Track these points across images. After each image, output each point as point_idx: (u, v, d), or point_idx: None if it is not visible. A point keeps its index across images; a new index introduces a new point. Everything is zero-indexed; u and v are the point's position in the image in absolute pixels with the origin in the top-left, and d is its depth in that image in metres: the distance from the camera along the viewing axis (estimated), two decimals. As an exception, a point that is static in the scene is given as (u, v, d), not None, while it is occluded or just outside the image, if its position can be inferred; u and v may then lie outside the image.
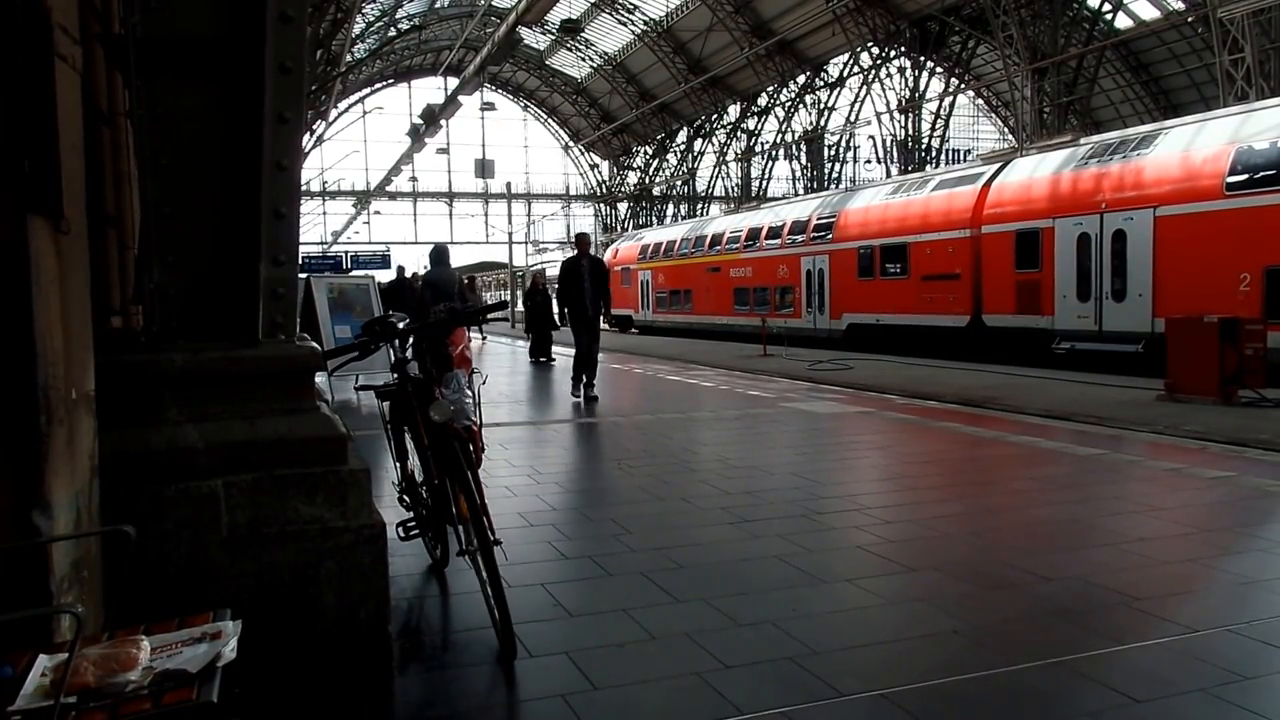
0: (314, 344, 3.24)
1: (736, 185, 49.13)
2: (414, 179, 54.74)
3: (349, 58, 33.10)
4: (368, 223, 58.20)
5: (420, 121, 36.67)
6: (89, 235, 2.38)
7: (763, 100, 46.12)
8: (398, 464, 4.50)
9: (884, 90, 37.74)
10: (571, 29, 42.49)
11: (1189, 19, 29.35)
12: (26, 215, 1.91)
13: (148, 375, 2.73)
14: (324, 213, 56.83)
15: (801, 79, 43.12)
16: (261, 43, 2.71)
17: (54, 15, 2.02)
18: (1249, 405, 10.40)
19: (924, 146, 36.01)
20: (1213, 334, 10.80)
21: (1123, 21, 32.15)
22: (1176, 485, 6.24)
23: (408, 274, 22.66)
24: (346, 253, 37.35)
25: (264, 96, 2.75)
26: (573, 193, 63.41)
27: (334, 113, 43.56)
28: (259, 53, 2.72)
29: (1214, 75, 25.46)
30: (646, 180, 56.86)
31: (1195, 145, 15.32)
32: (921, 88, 36.26)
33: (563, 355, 17.48)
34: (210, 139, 2.84)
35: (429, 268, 14.81)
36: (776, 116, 45.94)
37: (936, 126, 36.39)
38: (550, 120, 63.07)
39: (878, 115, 38.38)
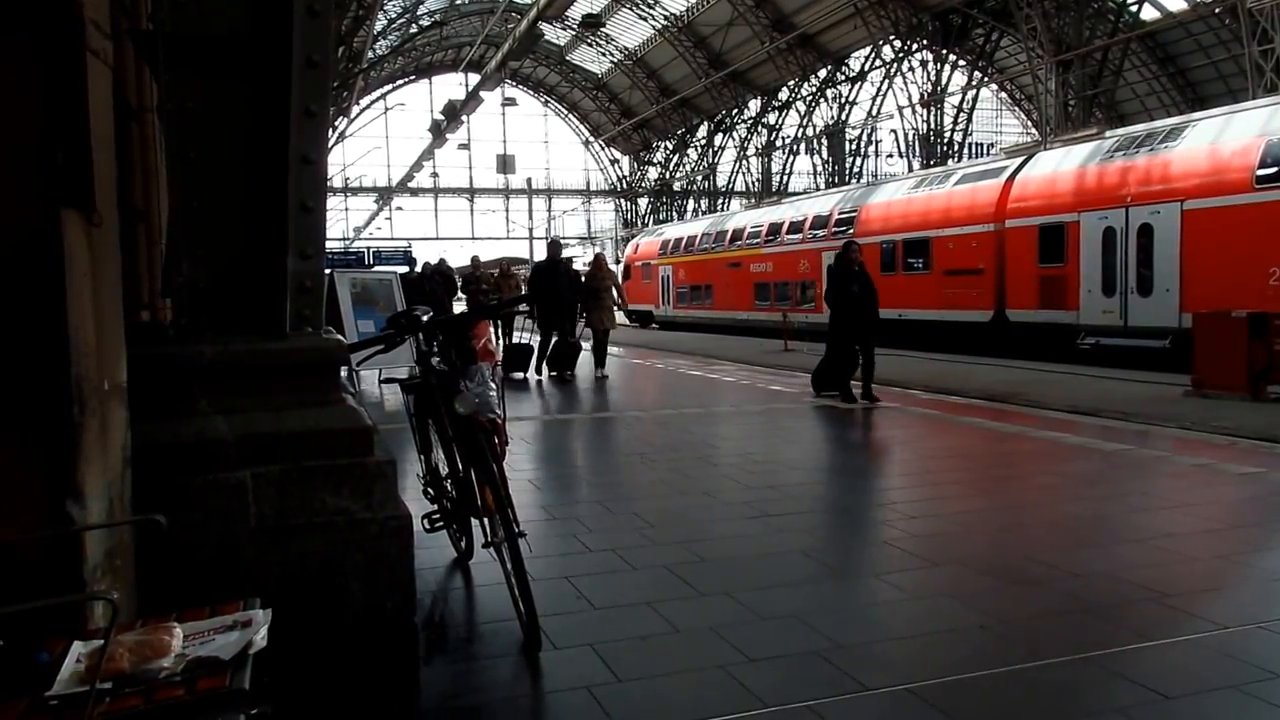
0: (339, 337, 3.26)
1: (757, 180, 48.95)
2: (435, 175, 54.88)
3: (371, 54, 33.23)
4: (389, 219, 58.42)
5: (442, 118, 36.82)
6: (118, 229, 2.40)
7: (783, 95, 45.90)
8: (422, 456, 4.53)
9: (906, 84, 37.44)
10: (592, 24, 42.43)
11: (1216, 10, 28.96)
12: (59, 207, 1.93)
13: (177, 367, 2.75)
14: (346, 209, 57.16)
15: (823, 73, 42.87)
16: (288, 37, 2.72)
17: (86, 10, 2.03)
18: (1279, 401, 10.26)
19: (946, 140, 35.73)
20: (1241, 329, 10.66)
21: (1149, 13, 31.75)
22: (1205, 481, 6.17)
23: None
24: (369, 248, 37.53)
25: (290, 91, 2.76)
26: (593, 188, 63.38)
27: (356, 109, 43.81)
28: (286, 47, 2.73)
29: (1242, 67, 25.10)
30: (667, 175, 56.76)
31: (1223, 138, 15.12)
32: (944, 81, 35.96)
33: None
34: (238, 133, 2.85)
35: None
36: (797, 111, 45.70)
37: (959, 120, 36.10)
38: (571, 116, 63.05)
39: (899, 109, 38.11)
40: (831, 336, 10.86)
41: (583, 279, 14.49)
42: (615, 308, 14.84)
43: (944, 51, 35.69)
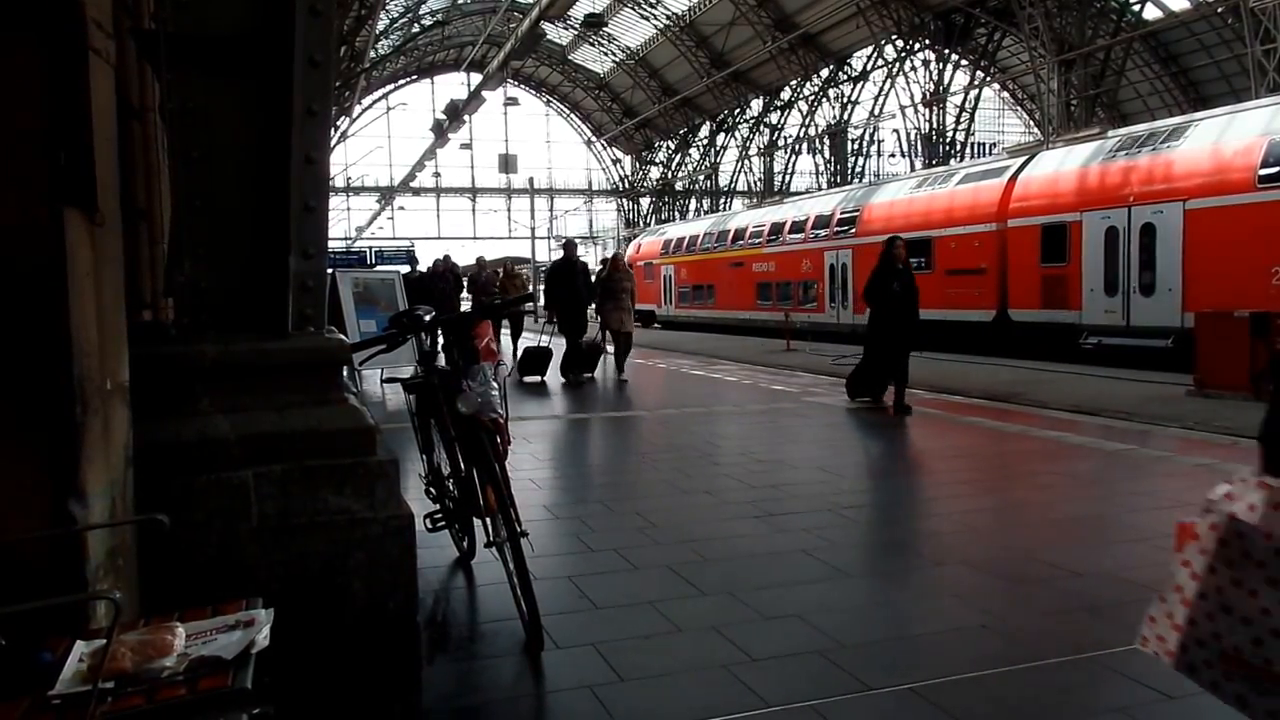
0: (342, 336, 3.25)
1: (759, 180, 48.95)
2: (437, 174, 54.92)
3: (373, 54, 33.24)
4: (391, 218, 58.45)
5: (444, 117, 36.82)
6: (120, 229, 2.40)
7: (786, 94, 45.90)
8: (424, 456, 4.53)
9: (908, 84, 37.44)
10: (594, 24, 42.41)
11: (1219, 9, 28.90)
12: (62, 207, 1.93)
13: (180, 367, 2.75)
14: (348, 209, 57.19)
15: (825, 73, 42.86)
16: (291, 37, 2.72)
17: (88, 10, 2.03)
18: (1281, 401, 10.24)
19: (949, 140, 35.70)
20: (1243, 329, 10.66)
21: (1151, 12, 31.72)
22: (1207, 481, 6.12)
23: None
24: (371, 248, 37.55)
25: (293, 90, 2.76)
26: (595, 188, 63.39)
27: (358, 109, 43.81)
28: (288, 47, 2.72)
29: (1245, 67, 25.07)
30: (669, 175, 56.75)
31: (1226, 138, 15.10)
32: (946, 81, 35.94)
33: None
34: (240, 133, 2.85)
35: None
36: (799, 110, 45.70)
37: (961, 120, 36.06)
38: (573, 115, 63.05)
39: (902, 109, 38.09)
40: (869, 337, 10.23)
41: (593, 278, 14.01)
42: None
43: (946, 51, 35.68)
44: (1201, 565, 1.81)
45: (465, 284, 19.34)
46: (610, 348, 13.75)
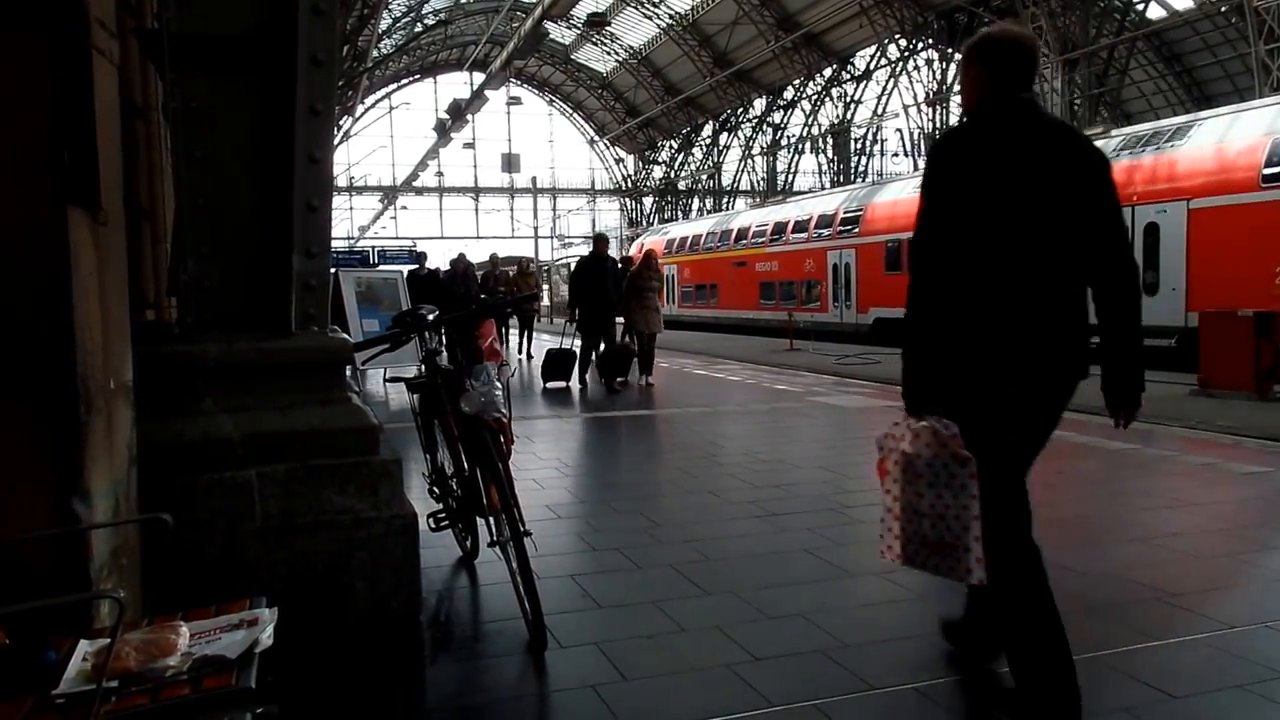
0: (345, 336, 3.26)
1: (762, 179, 48.91)
2: (440, 174, 54.93)
3: (375, 53, 33.26)
4: (394, 218, 58.46)
5: (446, 116, 36.84)
6: (124, 228, 2.40)
7: (789, 94, 45.87)
8: (427, 456, 4.53)
9: (911, 83, 37.42)
10: (597, 23, 42.36)
11: (1223, 8, 28.84)
12: (66, 206, 1.94)
13: (183, 366, 2.75)
14: (351, 208, 57.22)
15: (828, 72, 42.84)
16: (294, 36, 2.72)
17: (92, 9, 2.04)
18: (1285, 400, 10.23)
19: (952, 139, 35.60)
20: (1247, 328, 10.63)
21: (1155, 11, 31.66)
22: (1210, 480, 6.15)
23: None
24: (374, 247, 37.56)
25: (296, 90, 2.76)
26: (598, 187, 63.38)
27: (361, 108, 43.82)
28: (291, 46, 2.73)
29: (1249, 66, 25.01)
30: (672, 174, 56.74)
31: (1230, 137, 15.08)
32: (949, 80, 35.89)
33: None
34: (243, 132, 2.85)
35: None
36: (802, 110, 45.69)
37: (965, 119, 36.00)
38: (575, 115, 63.05)
39: (905, 108, 38.07)
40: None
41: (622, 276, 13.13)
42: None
43: (949, 50, 35.61)
44: (897, 489, 2.76)
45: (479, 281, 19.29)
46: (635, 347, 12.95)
